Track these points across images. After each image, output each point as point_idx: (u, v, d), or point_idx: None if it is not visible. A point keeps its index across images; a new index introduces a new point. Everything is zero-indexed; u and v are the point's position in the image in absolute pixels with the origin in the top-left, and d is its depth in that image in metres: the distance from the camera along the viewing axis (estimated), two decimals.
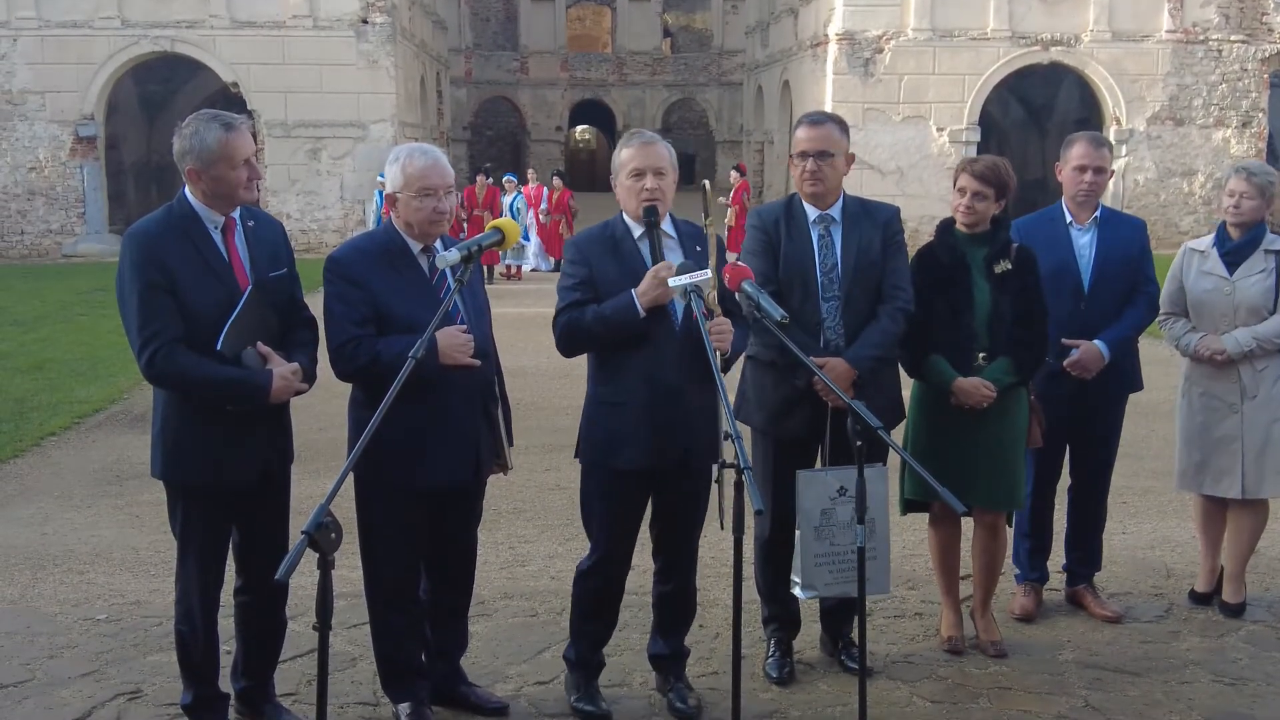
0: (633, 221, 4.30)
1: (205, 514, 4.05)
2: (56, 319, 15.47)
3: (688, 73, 48.88)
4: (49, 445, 8.98)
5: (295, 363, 3.99)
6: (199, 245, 3.93)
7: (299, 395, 4.04)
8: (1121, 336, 5.23)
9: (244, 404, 3.92)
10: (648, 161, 4.22)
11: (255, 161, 4.00)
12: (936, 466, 4.54)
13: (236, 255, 4.00)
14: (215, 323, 3.85)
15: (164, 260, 3.85)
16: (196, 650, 4.15)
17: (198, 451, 3.97)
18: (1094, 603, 5.42)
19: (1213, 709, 4.50)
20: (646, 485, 4.34)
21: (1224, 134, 25.96)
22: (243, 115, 4.04)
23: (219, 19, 25.06)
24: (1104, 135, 5.67)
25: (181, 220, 3.95)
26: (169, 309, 3.84)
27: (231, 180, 3.90)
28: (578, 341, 4.30)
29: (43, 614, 5.46)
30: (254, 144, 4.04)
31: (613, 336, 4.19)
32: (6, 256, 25.04)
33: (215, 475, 3.98)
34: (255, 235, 4.07)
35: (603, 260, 4.26)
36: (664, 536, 4.47)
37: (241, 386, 3.89)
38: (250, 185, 3.97)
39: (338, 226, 25.43)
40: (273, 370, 3.91)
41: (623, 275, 4.21)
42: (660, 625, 4.58)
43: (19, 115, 25.04)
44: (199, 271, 3.89)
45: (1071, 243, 5.27)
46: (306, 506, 3.23)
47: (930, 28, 25.62)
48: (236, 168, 3.90)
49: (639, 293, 4.12)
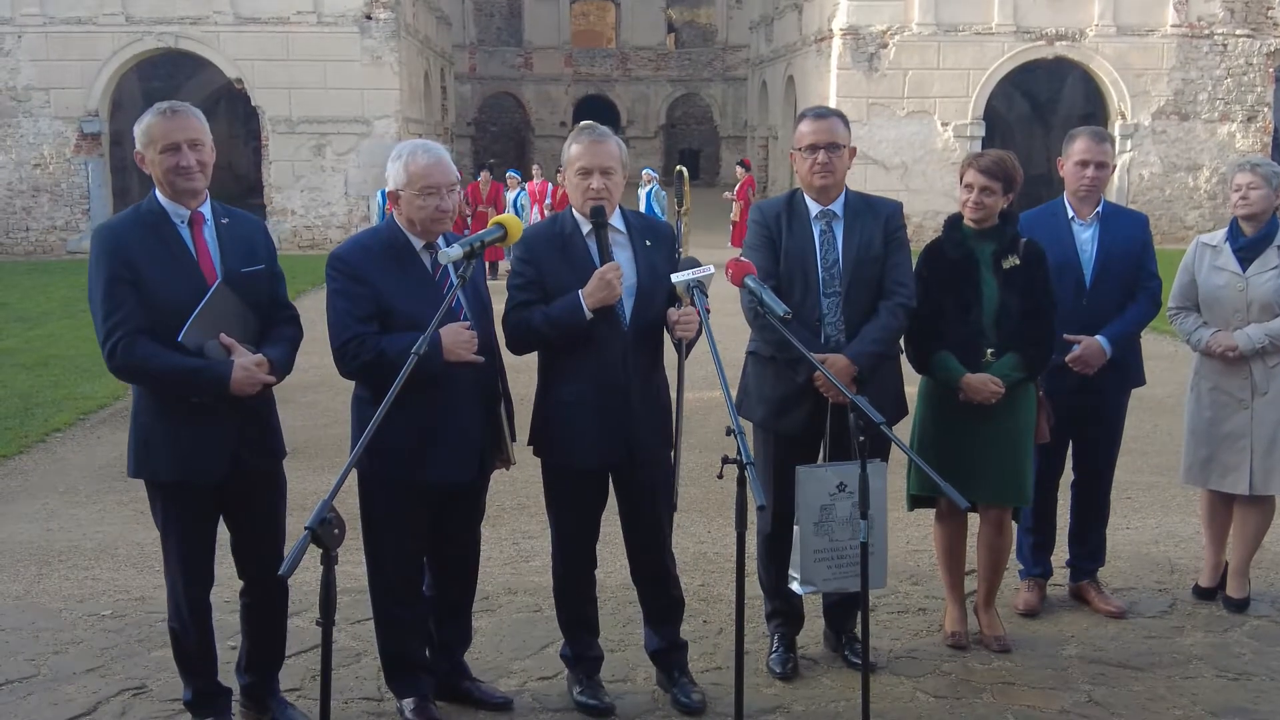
0: (581, 217, 4.30)
1: (181, 510, 4.04)
2: (61, 315, 15.51)
3: (692, 68, 48.83)
4: (54, 441, 9.00)
5: (260, 355, 3.94)
6: (165, 239, 3.94)
7: (269, 387, 4.01)
8: (1124, 332, 5.22)
9: (205, 395, 3.91)
10: (595, 160, 4.21)
11: (194, 149, 3.91)
12: (944, 462, 4.54)
13: (205, 250, 4.00)
14: (181, 316, 3.85)
15: (127, 254, 3.88)
16: (189, 646, 4.18)
17: (165, 446, 3.98)
18: (1098, 598, 5.42)
19: (1216, 704, 4.50)
20: (599, 481, 4.40)
21: (1229, 128, 25.90)
22: (186, 104, 4.01)
23: (223, 15, 25.06)
24: (1106, 130, 5.63)
25: (149, 216, 3.98)
26: (131, 302, 3.86)
27: (161, 165, 3.89)
28: (526, 342, 4.33)
29: (48, 610, 5.48)
30: (194, 131, 3.93)
31: (560, 337, 4.22)
32: (11, 253, 25.09)
33: (182, 470, 3.97)
34: (229, 231, 4.06)
35: (551, 259, 4.27)
36: (629, 529, 4.51)
37: (200, 377, 3.86)
38: (186, 173, 3.90)
39: (342, 223, 25.43)
40: (234, 361, 3.89)
41: (570, 274, 4.21)
42: (648, 618, 4.61)
43: (24, 111, 25.07)
44: (164, 265, 3.90)
45: (1073, 238, 5.26)
46: (310, 502, 3.24)
47: (934, 22, 25.58)
48: (164, 152, 3.88)
49: (585, 294, 4.13)
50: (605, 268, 4.14)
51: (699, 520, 6.63)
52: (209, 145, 4.01)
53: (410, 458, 4.08)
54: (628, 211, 4.46)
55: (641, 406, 4.26)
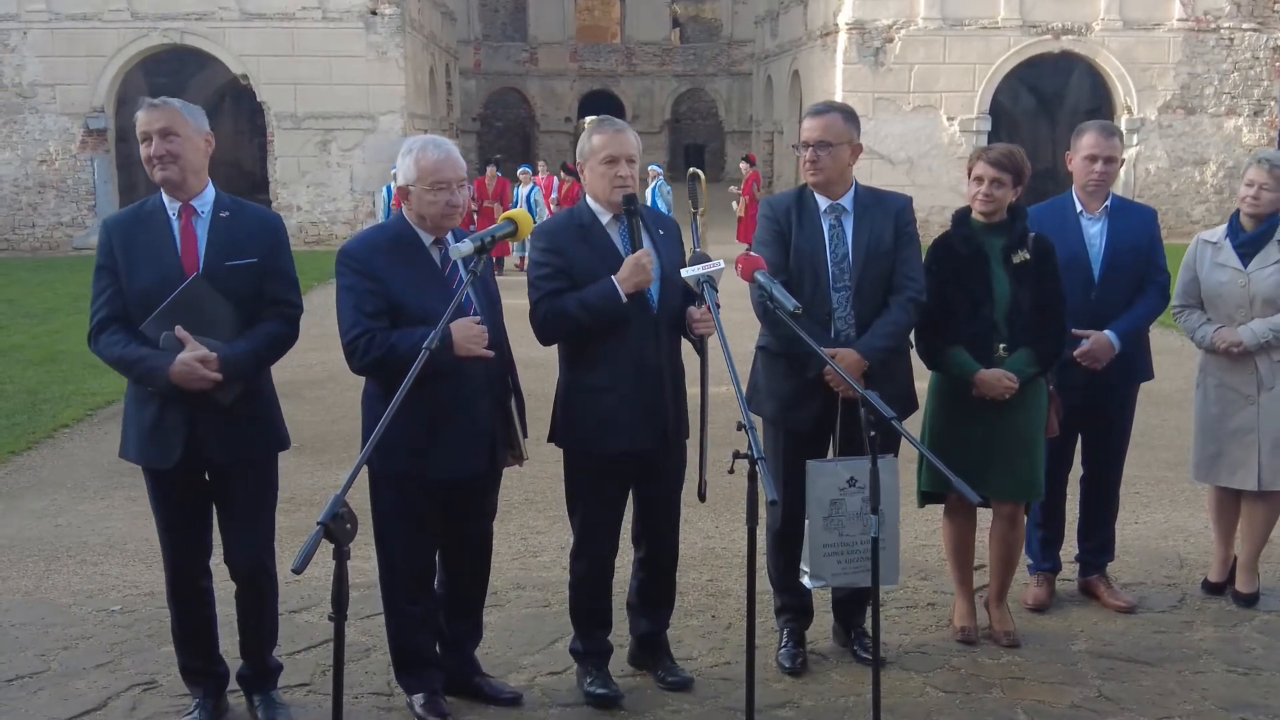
0: (599, 207, 4.34)
1: (155, 490, 4.18)
2: (68, 311, 15.53)
3: (697, 63, 48.79)
4: (61, 437, 9.02)
5: (208, 351, 3.89)
6: (150, 230, 4.02)
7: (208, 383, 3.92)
8: (1132, 326, 5.20)
9: (149, 384, 4.00)
10: (621, 149, 4.27)
11: (165, 139, 3.94)
12: (956, 457, 4.51)
13: (192, 241, 4.03)
14: (151, 304, 3.94)
15: (111, 244, 4.02)
16: (175, 623, 4.31)
17: (133, 428, 4.13)
18: (1107, 593, 5.41)
19: (1226, 699, 4.49)
20: (630, 468, 4.41)
21: (1235, 123, 25.86)
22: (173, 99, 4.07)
23: (228, 11, 25.09)
24: (1115, 124, 5.61)
25: (149, 208, 4.08)
26: (109, 290, 4.02)
27: (142, 155, 4.00)
28: (560, 329, 4.33)
29: (57, 605, 5.49)
30: (167, 121, 3.95)
31: (597, 323, 4.25)
32: (17, 249, 25.14)
33: (142, 455, 4.10)
34: (227, 225, 4.07)
35: (576, 248, 4.31)
36: (646, 516, 4.54)
37: (141, 366, 3.94)
38: (157, 163, 3.96)
39: (348, 218, 25.46)
40: (176, 354, 3.90)
41: (597, 262, 4.26)
42: (646, 603, 4.64)
43: (29, 108, 25.12)
44: (142, 256, 3.99)
45: (1082, 232, 5.24)
46: (321, 497, 3.24)
47: (940, 17, 25.56)
48: (142, 143, 3.99)
49: (620, 279, 4.19)
50: (639, 253, 4.21)
51: (708, 515, 6.63)
52: (189, 136, 3.99)
53: (420, 453, 4.08)
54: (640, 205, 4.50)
55: (672, 390, 4.34)
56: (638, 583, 4.66)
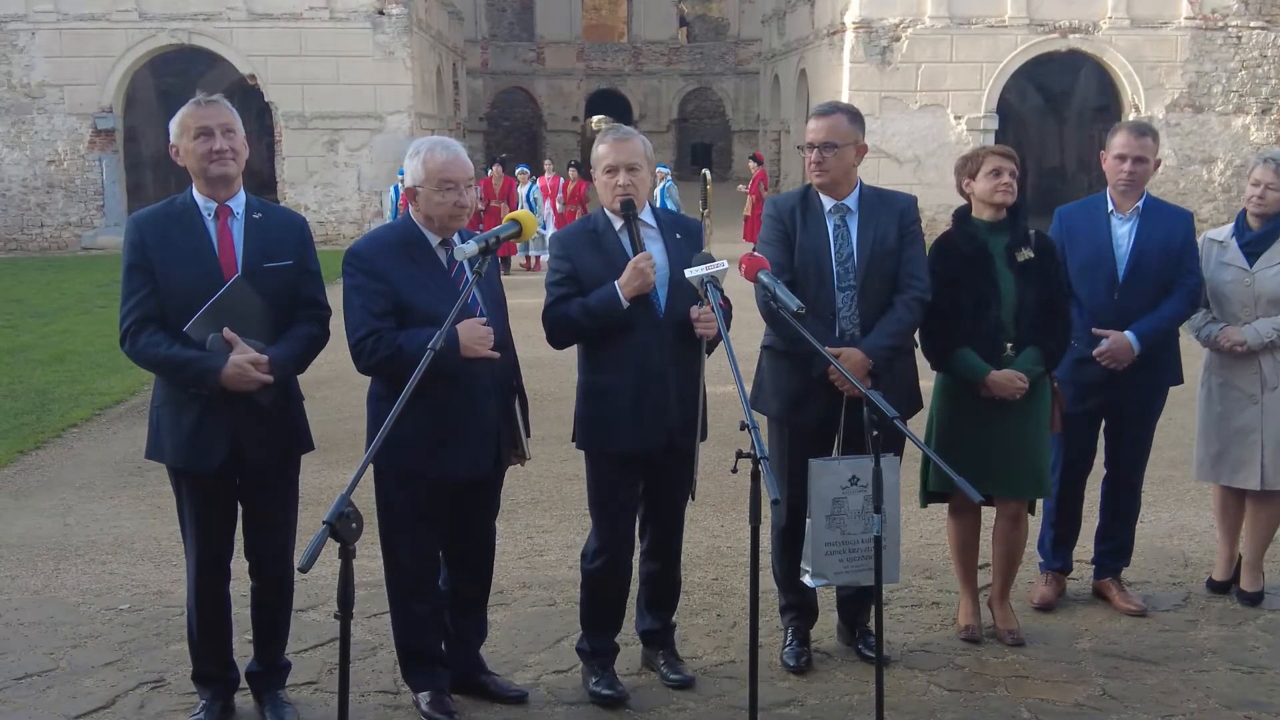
0: (612, 214, 4.41)
1: (191, 494, 4.14)
2: (76, 311, 15.58)
3: (704, 62, 48.74)
4: (70, 437, 9.05)
5: (257, 352, 3.94)
6: (187, 230, 4.01)
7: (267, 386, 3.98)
8: (1155, 328, 5.12)
9: (198, 387, 3.97)
10: (620, 158, 4.35)
11: (224, 135, 3.97)
12: (962, 456, 4.53)
13: (229, 243, 4.04)
14: (192, 305, 3.92)
15: (145, 243, 3.99)
16: (192, 627, 4.29)
17: (171, 433, 4.08)
18: (1119, 596, 5.37)
19: (1230, 697, 4.50)
20: (638, 467, 4.44)
21: (1243, 121, 25.78)
22: (220, 96, 4.08)
23: (236, 11, 25.13)
24: (1149, 124, 5.53)
25: (179, 207, 4.06)
26: (145, 290, 3.98)
27: (195, 152, 3.96)
28: (566, 333, 4.42)
29: (66, 604, 5.52)
30: (227, 118, 4.00)
31: (598, 327, 4.31)
32: (26, 249, 25.20)
33: (184, 457, 4.07)
34: (260, 226, 4.10)
35: (585, 254, 4.38)
36: (652, 515, 4.58)
37: (192, 368, 3.92)
38: (217, 158, 3.96)
39: (355, 218, 25.48)
40: (230, 356, 3.91)
41: (605, 267, 4.32)
42: (650, 601, 4.67)
43: (38, 108, 25.17)
44: (180, 256, 3.97)
45: (1110, 232, 5.20)
46: (327, 497, 3.27)
47: (948, 15, 25.52)
48: (196, 138, 3.95)
49: (621, 283, 4.24)
50: (638, 257, 4.25)
51: (712, 514, 6.65)
52: (241, 136, 4.07)
53: (426, 452, 4.11)
54: (657, 208, 4.58)
55: (679, 394, 4.33)
56: (643, 581, 4.68)
